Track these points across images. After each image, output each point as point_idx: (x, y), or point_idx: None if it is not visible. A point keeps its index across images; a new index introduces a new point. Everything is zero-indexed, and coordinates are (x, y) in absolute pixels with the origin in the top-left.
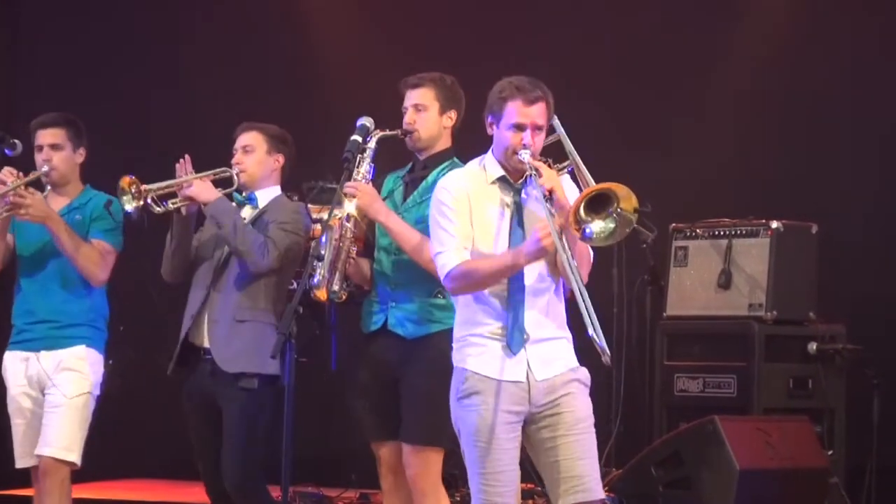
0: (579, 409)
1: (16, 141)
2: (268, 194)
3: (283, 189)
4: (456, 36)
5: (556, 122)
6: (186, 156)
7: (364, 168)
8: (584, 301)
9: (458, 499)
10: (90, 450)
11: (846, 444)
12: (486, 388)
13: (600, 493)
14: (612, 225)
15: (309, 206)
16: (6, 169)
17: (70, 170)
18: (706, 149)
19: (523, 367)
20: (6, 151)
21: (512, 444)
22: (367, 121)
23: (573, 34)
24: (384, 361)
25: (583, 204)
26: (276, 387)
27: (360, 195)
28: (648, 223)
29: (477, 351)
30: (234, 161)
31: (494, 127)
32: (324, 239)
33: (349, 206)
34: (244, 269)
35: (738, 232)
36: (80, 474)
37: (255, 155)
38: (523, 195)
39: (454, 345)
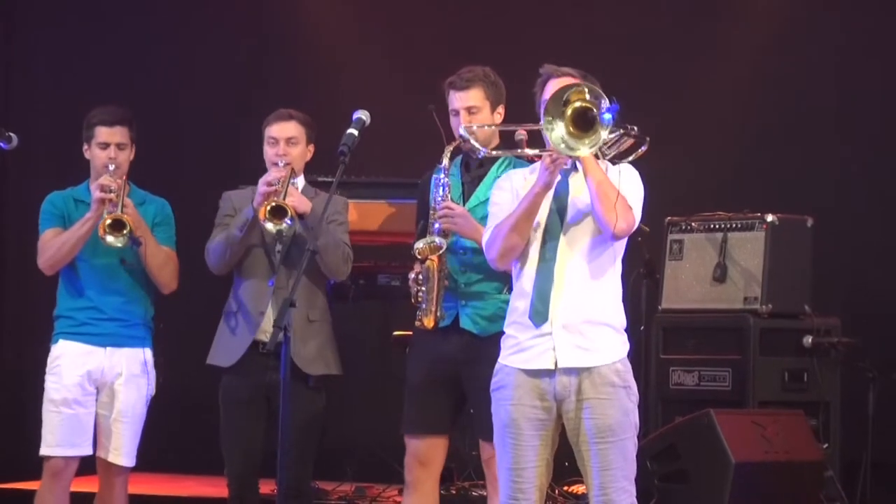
0: (608, 416)
1: (11, 134)
2: (300, 184)
3: None
4: (449, 30)
5: None
6: (282, 160)
7: (448, 192)
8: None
9: (454, 492)
10: None
11: (841, 437)
12: (512, 381)
13: (622, 503)
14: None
15: None
16: (106, 176)
17: (127, 168)
18: (701, 142)
19: (550, 355)
20: (2, 145)
21: (535, 440)
22: (363, 114)
23: (568, 29)
24: (448, 358)
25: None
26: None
27: (458, 225)
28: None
29: (509, 343)
30: (278, 153)
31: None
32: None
33: (440, 239)
34: (315, 266)
35: (734, 225)
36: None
37: (299, 147)
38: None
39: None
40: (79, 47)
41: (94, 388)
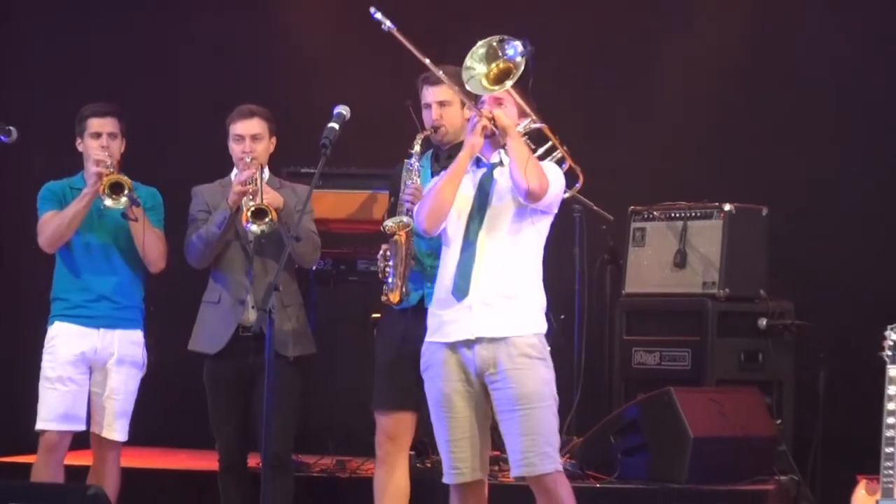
0: (526, 385)
1: (11, 128)
2: (265, 176)
3: None
4: (425, 29)
5: None
6: (248, 156)
7: (417, 176)
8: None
9: (429, 465)
10: None
11: (794, 414)
12: (439, 358)
13: (544, 468)
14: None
15: None
16: (100, 153)
17: (119, 157)
18: (663, 135)
19: (469, 327)
20: (2, 138)
21: (467, 411)
22: (343, 109)
23: (528, 26)
24: (415, 337)
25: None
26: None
27: None
28: (602, 212)
29: (433, 321)
30: (244, 150)
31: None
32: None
33: (407, 218)
34: (288, 256)
35: (693, 214)
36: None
37: (264, 142)
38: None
39: None
40: (71, 46)
41: (88, 367)
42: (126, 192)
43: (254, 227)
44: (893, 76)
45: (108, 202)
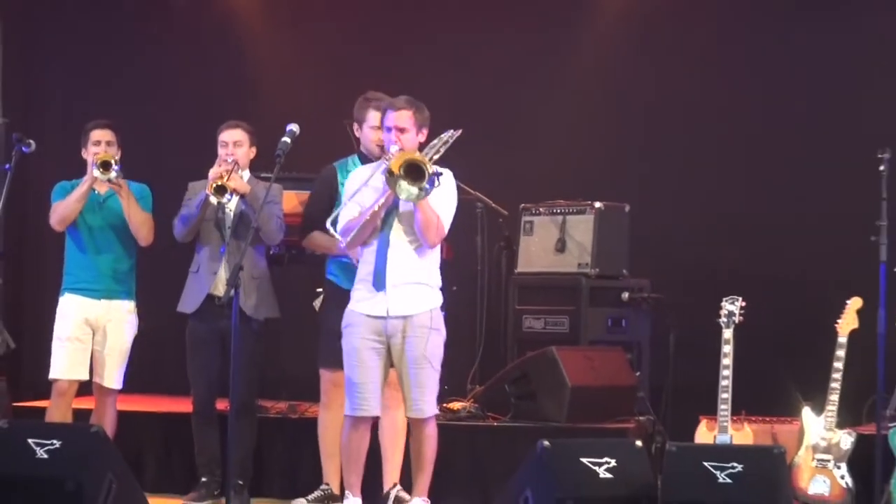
0: (422, 349)
1: (31, 141)
2: (245, 176)
3: None
4: (369, 55)
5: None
6: (228, 157)
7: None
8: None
9: None
10: None
11: (650, 367)
12: (359, 321)
13: (426, 413)
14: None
15: None
16: (98, 149)
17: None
18: (547, 148)
19: (384, 305)
20: (23, 149)
21: (374, 362)
22: (294, 126)
23: (437, 53)
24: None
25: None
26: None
27: None
28: (499, 208)
29: (357, 295)
30: (227, 153)
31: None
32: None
33: None
34: (257, 238)
35: (570, 210)
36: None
37: (244, 148)
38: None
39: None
40: (83, 67)
41: (91, 329)
42: (113, 166)
43: (213, 199)
44: (732, 93)
45: (98, 173)
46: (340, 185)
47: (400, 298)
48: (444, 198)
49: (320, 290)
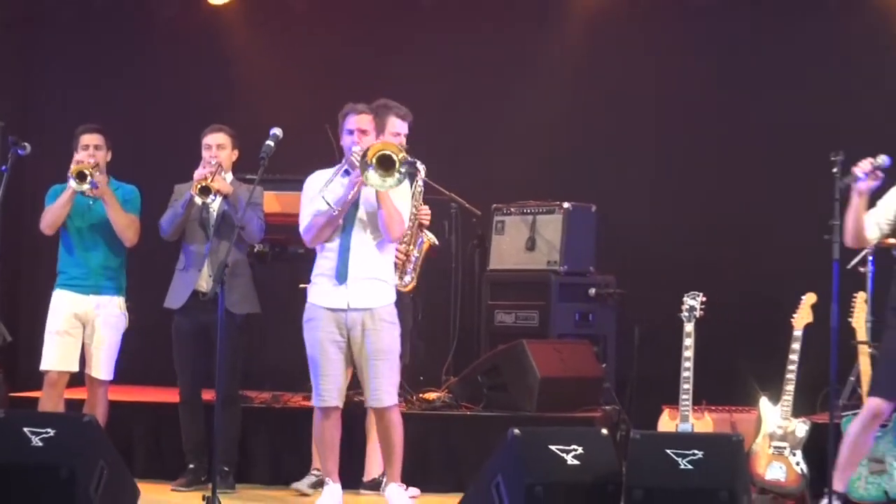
0: (381, 342)
1: (26, 143)
2: (228, 178)
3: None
4: (348, 68)
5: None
6: (212, 160)
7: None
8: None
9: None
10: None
11: (615, 360)
12: (320, 315)
13: (386, 402)
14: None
15: None
16: (81, 155)
17: (104, 164)
18: (518, 149)
19: (345, 298)
20: (19, 151)
21: (337, 355)
22: (277, 130)
23: (413, 58)
24: None
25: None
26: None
27: None
28: (472, 208)
29: (317, 289)
30: (211, 155)
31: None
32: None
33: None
34: (239, 237)
35: (540, 210)
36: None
37: (227, 151)
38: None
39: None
40: (77, 73)
41: (81, 323)
42: (87, 178)
43: (197, 199)
44: (697, 96)
45: (73, 183)
46: None
47: (360, 292)
48: (403, 195)
49: (304, 285)
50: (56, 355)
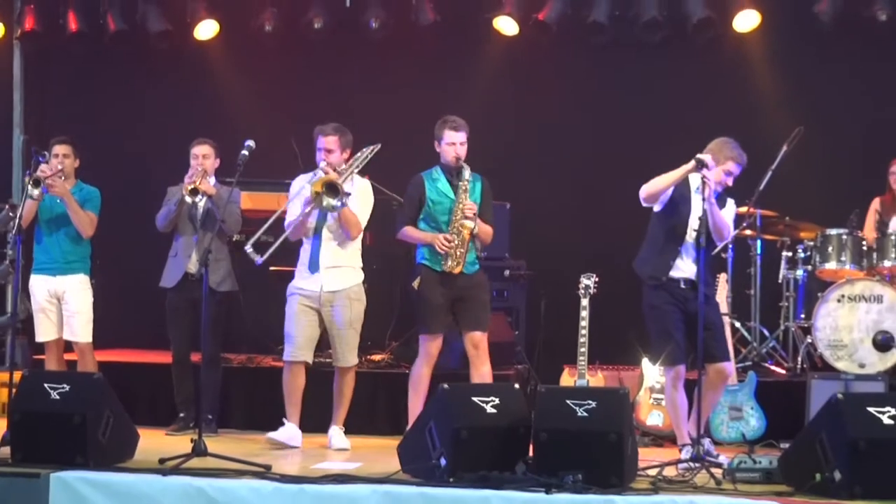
0: (346, 315)
1: (46, 152)
2: (211, 181)
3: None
4: (323, 88)
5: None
6: (199, 167)
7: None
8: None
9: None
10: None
11: (525, 328)
12: (298, 293)
13: (349, 363)
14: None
15: None
16: (43, 167)
17: (72, 169)
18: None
19: (319, 283)
20: (41, 160)
21: (308, 324)
22: (251, 142)
23: (358, 81)
24: (455, 285)
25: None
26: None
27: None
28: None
29: (299, 275)
30: (199, 163)
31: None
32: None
33: (471, 223)
34: (220, 229)
35: None
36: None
37: (210, 159)
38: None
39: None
40: (84, 95)
41: (56, 299)
42: (40, 184)
43: (187, 198)
44: (592, 107)
45: (29, 188)
46: (427, 190)
47: (330, 278)
48: (361, 201)
49: (275, 268)
50: (43, 328)
